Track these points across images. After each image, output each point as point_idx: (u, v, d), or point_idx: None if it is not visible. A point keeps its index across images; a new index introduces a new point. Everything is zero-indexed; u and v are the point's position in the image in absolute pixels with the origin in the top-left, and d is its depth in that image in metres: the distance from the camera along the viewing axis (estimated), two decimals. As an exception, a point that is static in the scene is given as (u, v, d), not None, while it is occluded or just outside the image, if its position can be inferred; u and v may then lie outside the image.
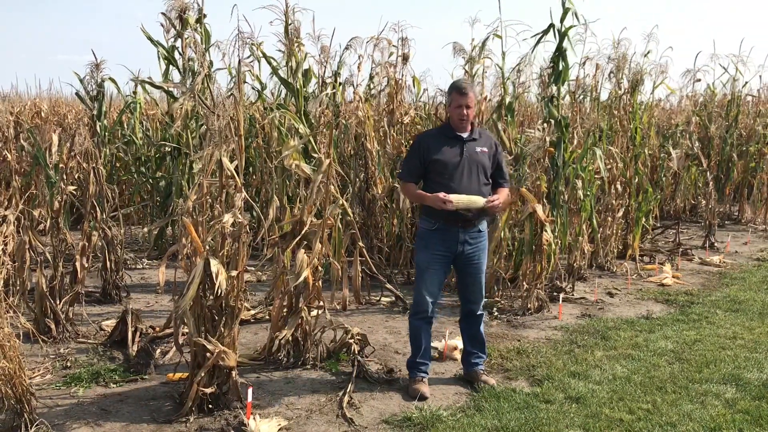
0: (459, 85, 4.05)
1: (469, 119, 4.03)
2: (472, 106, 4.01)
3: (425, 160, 4.03)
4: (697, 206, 10.73)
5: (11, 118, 8.91)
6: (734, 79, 10.67)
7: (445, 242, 4.05)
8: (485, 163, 4.06)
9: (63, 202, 5.13)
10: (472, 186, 3.99)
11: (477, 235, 4.12)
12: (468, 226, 4.05)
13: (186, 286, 3.54)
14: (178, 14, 6.10)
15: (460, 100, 3.99)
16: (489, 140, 4.18)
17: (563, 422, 3.69)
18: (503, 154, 4.27)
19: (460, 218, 4.00)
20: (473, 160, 4.02)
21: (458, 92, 4.00)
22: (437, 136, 4.10)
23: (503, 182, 4.23)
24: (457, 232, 4.03)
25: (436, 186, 3.98)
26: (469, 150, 4.02)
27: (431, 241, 4.08)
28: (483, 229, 4.17)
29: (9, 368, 3.25)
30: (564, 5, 6.11)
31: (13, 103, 13.00)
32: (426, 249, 4.12)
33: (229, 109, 3.62)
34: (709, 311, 5.92)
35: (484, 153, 4.07)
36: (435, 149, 4.01)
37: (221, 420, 3.63)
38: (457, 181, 3.97)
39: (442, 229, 4.04)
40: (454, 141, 4.03)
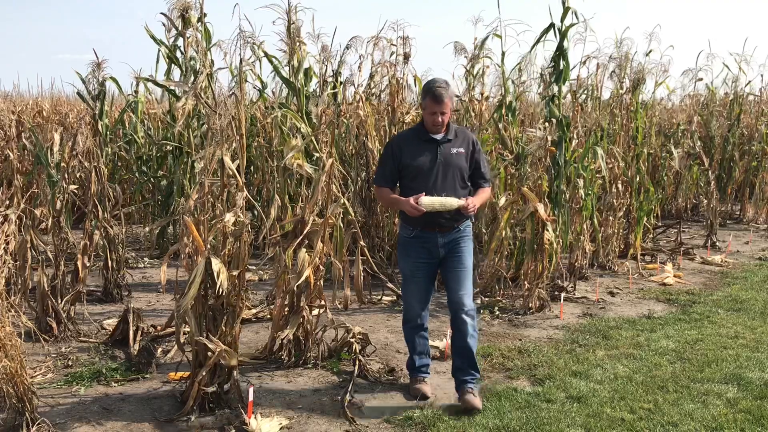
0: (433, 90, 3.79)
1: (443, 125, 3.86)
2: (448, 112, 3.84)
3: (399, 164, 3.89)
4: (699, 205, 10.71)
5: (13, 117, 8.93)
6: (737, 78, 10.65)
7: (426, 249, 3.92)
8: (461, 165, 3.90)
9: (65, 201, 5.13)
10: (447, 190, 3.83)
11: (457, 235, 3.96)
12: (446, 230, 3.91)
13: (187, 285, 3.54)
14: (180, 13, 6.10)
15: (434, 107, 3.81)
16: (466, 139, 3.98)
17: (564, 422, 3.69)
18: (482, 152, 4.09)
19: (436, 223, 3.86)
20: (448, 163, 3.86)
21: (432, 99, 3.79)
22: (411, 139, 3.93)
23: (482, 182, 4.04)
24: (435, 237, 3.90)
25: (410, 191, 3.82)
26: (444, 152, 3.86)
27: (411, 248, 3.95)
28: (464, 228, 4.00)
29: (10, 367, 3.25)
30: (564, 4, 6.11)
31: (15, 102, 13.01)
32: (407, 257, 3.99)
33: (230, 108, 3.62)
34: (711, 311, 5.92)
35: (461, 154, 3.90)
36: (408, 153, 3.87)
37: (222, 419, 3.63)
38: (431, 185, 3.81)
39: (420, 236, 3.92)
40: (429, 143, 3.88)
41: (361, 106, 7.03)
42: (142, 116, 8.68)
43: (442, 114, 3.81)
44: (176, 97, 7.03)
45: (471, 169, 3.97)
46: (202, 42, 5.84)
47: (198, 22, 5.77)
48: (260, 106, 8.19)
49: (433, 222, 3.85)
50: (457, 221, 3.91)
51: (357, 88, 7.22)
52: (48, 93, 14.76)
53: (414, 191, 3.78)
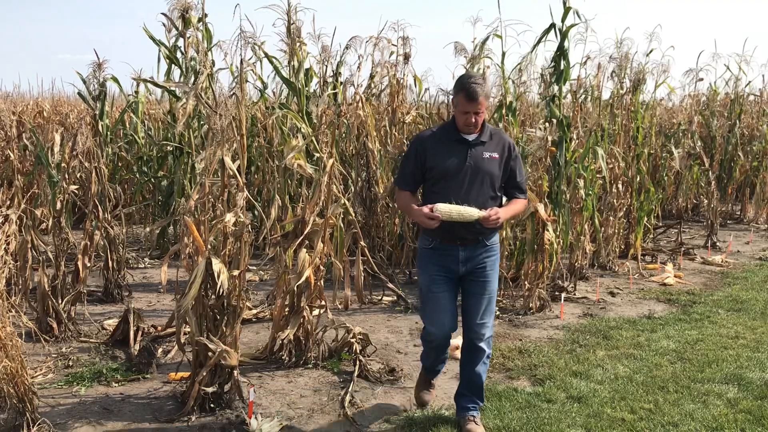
0: (467, 87, 3.33)
1: (477, 125, 3.42)
2: (483, 111, 3.38)
3: (423, 166, 3.47)
4: (699, 206, 10.71)
5: (14, 118, 8.92)
6: (737, 79, 10.65)
7: (444, 262, 3.51)
8: (493, 171, 3.45)
9: (65, 202, 5.13)
10: (475, 198, 3.39)
11: (482, 251, 3.51)
12: (468, 242, 3.47)
13: (188, 286, 3.54)
14: (180, 14, 6.10)
15: (467, 106, 3.35)
16: (501, 143, 3.51)
17: (565, 422, 3.69)
18: (520, 159, 3.60)
19: (456, 235, 3.44)
20: (479, 168, 3.42)
21: (466, 96, 3.34)
22: (439, 138, 3.49)
23: (516, 193, 3.58)
24: (456, 250, 3.47)
25: (433, 197, 3.42)
26: (474, 156, 3.42)
27: (429, 261, 3.55)
28: (490, 244, 3.54)
29: (11, 367, 3.25)
30: (565, 4, 6.11)
31: (15, 102, 13.02)
32: (425, 270, 3.58)
33: (231, 108, 3.63)
34: (711, 311, 5.91)
35: (493, 160, 3.45)
36: (434, 154, 3.44)
37: (223, 419, 3.63)
38: (456, 192, 3.38)
39: (439, 248, 3.50)
40: (458, 145, 3.44)
41: (361, 107, 7.03)
42: (142, 116, 8.68)
43: (476, 114, 3.36)
44: (176, 98, 7.03)
45: (504, 177, 3.53)
46: (203, 42, 5.84)
47: (199, 22, 5.77)
48: (261, 106, 8.20)
49: (454, 233, 3.43)
50: (481, 234, 3.48)
51: (357, 88, 7.22)
52: (48, 93, 14.80)
53: (437, 197, 3.39)
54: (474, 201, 3.37)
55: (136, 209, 8.60)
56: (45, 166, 5.23)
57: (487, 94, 3.40)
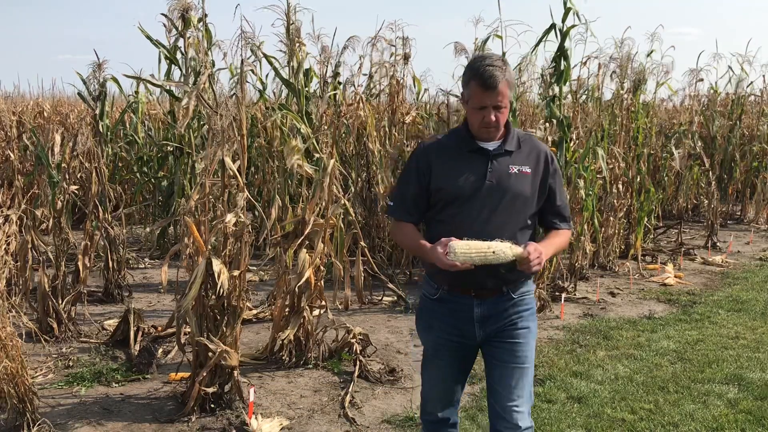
0: (482, 72, 2.37)
1: (499, 126, 2.47)
2: (505, 105, 2.44)
3: (427, 187, 2.52)
4: (700, 206, 10.71)
5: (14, 118, 8.93)
6: (739, 79, 10.64)
7: (454, 320, 2.54)
8: (524, 191, 2.48)
9: (65, 202, 5.13)
10: (498, 230, 2.41)
11: (508, 305, 2.52)
12: (486, 294, 2.49)
13: (188, 286, 3.54)
14: (180, 14, 6.10)
15: (483, 98, 2.40)
16: (535, 152, 2.54)
17: (565, 422, 3.69)
18: (560, 175, 2.65)
19: (470, 281, 2.44)
20: (503, 188, 2.45)
21: (481, 84, 2.38)
22: (447, 149, 2.55)
23: (556, 222, 2.61)
24: (470, 304, 2.50)
25: (441, 228, 2.47)
26: (497, 171, 2.46)
27: (434, 315, 2.60)
28: (519, 295, 2.54)
29: (11, 367, 3.25)
30: (566, 5, 6.11)
31: (15, 102, 13.02)
32: (428, 329, 2.64)
33: (231, 108, 3.63)
34: (712, 311, 5.91)
35: (524, 176, 2.48)
36: (442, 170, 2.50)
37: (223, 419, 3.63)
38: (471, 222, 2.43)
39: (446, 300, 2.54)
40: (475, 156, 2.49)
41: (361, 107, 7.03)
42: (142, 117, 8.69)
43: (496, 109, 2.42)
44: (176, 98, 7.03)
45: (540, 199, 2.55)
46: (203, 42, 5.84)
47: (199, 22, 5.77)
48: (261, 106, 8.20)
49: (467, 279, 2.42)
50: (507, 282, 2.50)
51: (357, 88, 7.23)
52: (49, 93, 14.80)
53: (447, 229, 2.42)
54: (497, 234, 2.38)
55: (137, 209, 8.60)
56: (45, 167, 5.23)
57: (510, 81, 2.42)
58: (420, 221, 2.63)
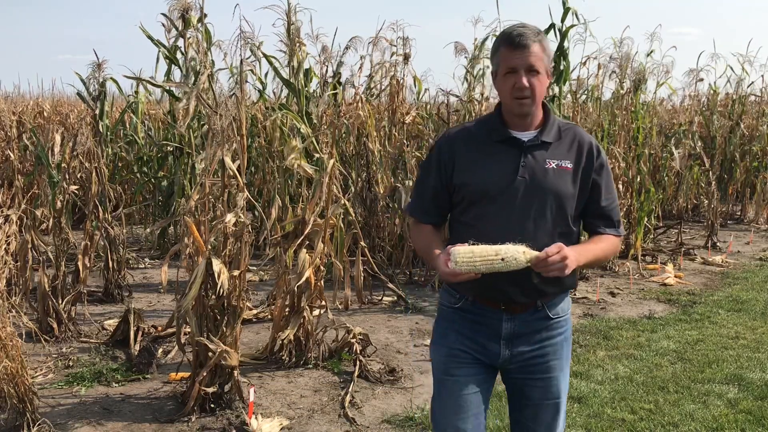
0: (509, 32, 2.11)
1: (535, 99, 2.11)
2: (541, 70, 2.09)
3: (449, 182, 2.21)
4: (700, 206, 10.71)
5: (14, 118, 8.93)
6: (739, 79, 10.65)
7: (477, 333, 2.20)
8: (563, 190, 2.14)
9: (65, 202, 5.14)
10: (532, 234, 2.08)
11: (541, 326, 2.20)
12: (518, 307, 2.17)
13: (188, 286, 3.54)
14: (180, 14, 6.10)
15: (513, 57, 2.08)
16: (577, 144, 2.20)
17: (565, 422, 3.69)
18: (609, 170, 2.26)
19: (500, 291, 2.13)
20: (539, 186, 2.12)
21: (509, 43, 2.08)
22: (474, 139, 2.22)
23: (601, 226, 2.23)
24: (498, 318, 2.17)
25: (464, 231, 2.13)
26: (532, 165, 2.14)
27: (451, 328, 2.25)
28: (555, 315, 2.21)
29: (11, 367, 3.25)
30: (565, 5, 6.12)
31: (15, 102, 13.03)
32: (443, 340, 2.26)
33: (231, 108, 3.63)
34: (712, 311, 5.91)
35: (564, 171, 2.15)
36: (467, 163, 2.18)
37: (223, 419, 3.63)
38: (501, 224, 2.10)
39: (470, 311, 2.21)
40: (505, 148, 2.17)
41: (361, 107, 7.03)
42: (142, 117, 8.69)
43: (529, 72, 2.08)
44: (175, 98, 7.03)
45: (583, 199, 2.19)
46: (203, 42, 5.84)
47: (198, 22, 5.77)
48: (261, 106, 8.20)
49: (497, 290, 2.13)
50: (542, 295, 2.17)
51: (357, 88, 7.23)
52: (49, 93, 14.82)
53: (471, 233, 2.08)
54: (531, 239, 2.04)
55: (137, 209, 8.61)
56: (45, 167, 5.23)
57: (546, 47, 2.12)
58: (441, 223, 2.32)
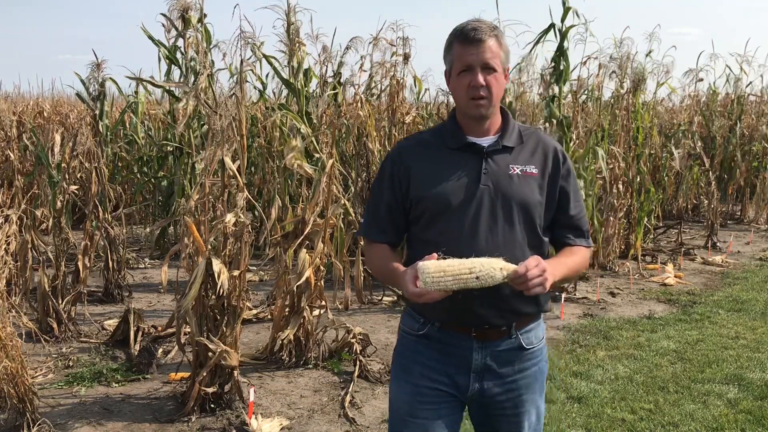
0: (462, 27, 1.94)
1: (492, 99, 1.94)
2: (497, 67, 1.92)
3: (405, 197, 2.01)
4: (700, 206, 10.71)
5: (14, 118, 8.93)
6: (738, 79, 10.65)
7: (444, 366, 1.98)
8: (531, 197, 1.96)
9: (65, 202, 5.14)
10: (498, 247, 1.89)
11: (515, 361, 1.99)
12: (491, 334, 1.96)
13: (188, 286, 3.54)
14: (180, 14, 6.10)
15: (466, 55, 1.91)
16: (542, 149, 2.02)
17: (565, 422, 3.69)
18: (575, 177, 2.09)
19: (470, 313, 1.92)
20: (504, 194, 1.94)
21: (463, 40, 1.92)
22: (430, 146, 2.03)
23: (570, 237, 2.05)
24: (468, 347, 1.96)
25: (426, 250, 1.85)
26: (494, 173, 1.96)
27: (414, 360, 2.02)
28: (530, 345, 2.00)
29: (11, 367, 3.25)
30: (565, 5, 6.11)
31: (15, 102, 13.03)
32: (406, 373, 2.03)
33: (231, 108, 3.63)
34: (712, 311, 5.91)
35: (529, 178, 1.97)
36: (424, 174, 1.98)
37: (223, 419, 3.63)
38: (467, 238, 1.91)
39: (436, 338, 1.99)
40: (464, 154, 1.98)
41: (361, 107, 7.03)
42: (142, 117, 8.69)
43: (484, 69, 1.90)
44: (175, 98, 7.03)
45: (551, 207, 2.02)
46: (203, 43, 5.84)
47: (198, 22, 5.77)
48: (261, 106, 8.20)
49: (467, 312, 1.91)
50: (517, 316, 1.97)
51: (357, 88, 7.23)
52: (49, 94, 14.84)
53: (432, 247, 1.86)
54: (500, 253, 1.84)
55: (136, 209, 8.61)
56: (45, 167, 5.23)
57: (503, 42, 1.96)
58: (398, 242, 2.10)
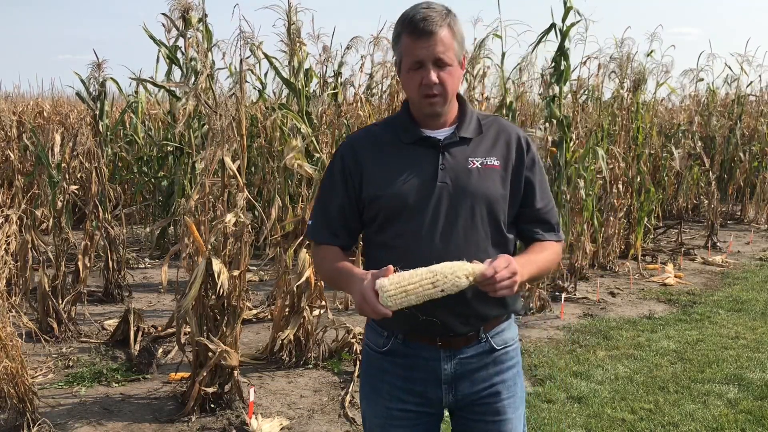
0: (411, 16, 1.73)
1: (447, 96, 1.78)
2: (451, 61, 1.74)
3: (358, 196, 1.85)
4: (700, 206, 10.71)
5: (14, 118, 8.93)
6: (738, 79, 10.65)
7: (412, 383, 1.85)
8: (493, 191, 1.81)
9: (65, 202, 5.14)
10: (461, 247, 1.76)
11: (488, 364, 1.86)
12: (459, 342, 1.82)
13: (188, 286, 3.54)
14: (180, 14, 6.10)
15: (416, 50, 1.72)
16: (504, 138, 1.85)
17: (565, 422, 3.69)
18: (542, 167, 1.92)
19: (435, 324, 1.75)
20: (463, 190, 1.78)
21: (411, 32, 1.72)
22: (383, 141, 1.87)
23: (539, 232, 1.90)
24: (435, 358, 1.83)
25: (382, 255, 1.78)
26: (453, 167, 1.80)
27: (382, 377, 1.89)
28: (502, 345, 1.88)
29: (11, 367, 3.25)
30: (566, 4, 6.11)
31: (15, 102, 13.03)
32: (375, 395, 1.91)
33: (231, 108, 3.63)
34: (712, 311, 5.91)
35: (491, 170, 1.81)
36: (377, 170, 1.83)
37: (223, 419, 3.63)
38: (425, 240, 1.77)
39: (401, 352, 1.85)
40: (420, 149, 1.82)
41: (361, 107, 7.04)
42: (142, 117, 8.69)
43: (438, 66, 1.73)
44: (176, 98, 7.03)
45: (515, 201, 1.86)
46: (203, 43, 5.84)
47: (199, 22, 5.77)
48: (261, 106, 8.20)
49: (433, 318, 1.74)
50: (483, 320, 1.83)
51: (357, 88, 7.23)
52: (48, 93, 14.83)
53: (390, 256, 1.73)
54: (461, 254, 1.69)
55: (137, 209, 8.61)
56: (45, 167, 5.23)
57: (456, 31, 1.76)
58: (351, 245, 1.93)
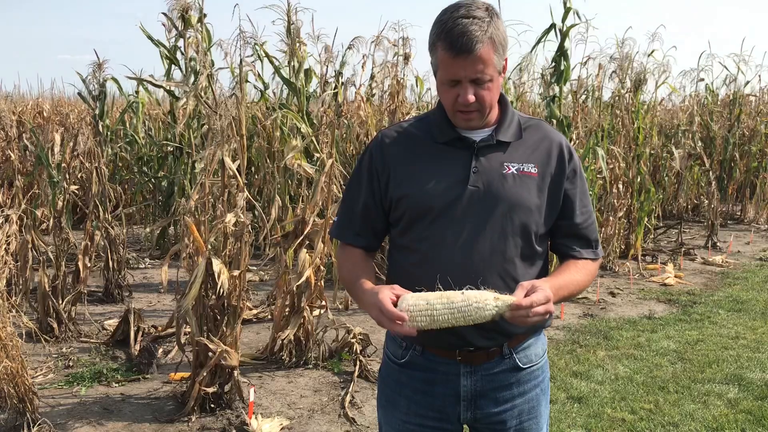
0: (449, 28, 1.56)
1: (485, 110, 1.66)
2: (491, 76, 1.60)
3: (384, 196, 1.76)
4: (700, 206, 10.72)
5: (14, 118, 8.93)
6: (735, 79, 10.65)
7: (431, 397, 1.76)
8: (526, 200, 1.68)
9: (65, 202, 5.14)
10: (486, 259, 1.65)
11: (512, 383, 1.75)
12: (479, 357, 1.72)
13: (188, 286, 3.54)
14: (180, 14, 6.11)
15: (454, 68, 1.59)
16: (545, 144, 1.74)
17: (565, 422, 3.69)
18: (584, 178, 1.79)
19: (455, 337, 1.66)
20: (494, 196, 1.66)
21: (449, 47, 1.57)
22: (415, 140, 1.75)
23: (575, 249, 1.77)
24: (455, 373, 1.73)
25: (404, 259, 1.76)
26: (486, 171, 1.68)
27: (400, 389, 1.81)
28: (528, 363, 1.77)
29: (11, 367, 3.25)
30: (566, 5, 6.11)
31: (15, 102, 13.03)
32: (392, 407, 1.84)
33: (231, 108, 3.63)
34: (712, 311, 5.91)
35: (527, 178, 1.69)
36: (406, 170, 1.72)
37: (223, 419, 3.63)
38: (449, 247, 1.66)
39: (419, 365, 1.77)
40: (454, 150, 1.71)
41: (362, 107, 7.04)
42: (142, 117, 8.70)
43: (476, 84, 1.61)
44: (176, 98, 7.04)
45: (553, 213, 1.73)
46: (203, 43, 5.84)
47: (198, 22, 5.77)
48: (261, 106, 8.20)
49: (449, 331, 1.57)
50: (509, 336, 1.72)
51: (358, 88, 7.23)
52: (48, 93, 14.81)
53: (412, 261, 1.72)
54: (485, 264, 1.65)
55: (137, 209, 8.61)
56: (45, 167, 5.24)
57: (497, 39, 1.59)
58: (374, 247, 1.86)
